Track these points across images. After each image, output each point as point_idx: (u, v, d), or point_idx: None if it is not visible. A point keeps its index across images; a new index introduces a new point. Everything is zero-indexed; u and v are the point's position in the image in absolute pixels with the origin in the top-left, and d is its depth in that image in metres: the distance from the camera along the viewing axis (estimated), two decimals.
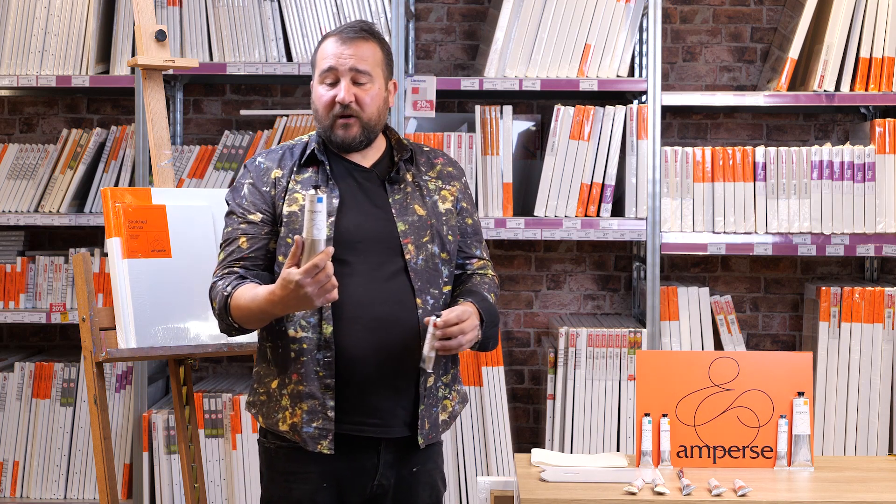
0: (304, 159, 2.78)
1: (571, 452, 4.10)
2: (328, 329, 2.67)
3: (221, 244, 2.78)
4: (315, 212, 2.45)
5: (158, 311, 3.22)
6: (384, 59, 2.79)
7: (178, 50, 4.26)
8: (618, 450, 4.13)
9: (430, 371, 2.69)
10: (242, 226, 2.74)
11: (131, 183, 4.30)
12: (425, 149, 2.90)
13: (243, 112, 4.57)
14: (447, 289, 2.79)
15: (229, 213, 2.79)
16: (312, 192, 2.46)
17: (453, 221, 2.83)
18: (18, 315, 4.26)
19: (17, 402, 4.27)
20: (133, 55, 4.07)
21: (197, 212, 3.34)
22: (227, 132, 4.33)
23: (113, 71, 4.29)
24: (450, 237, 2.80)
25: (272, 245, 2.74)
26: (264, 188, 2.76)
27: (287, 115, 4.31)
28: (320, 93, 2.76)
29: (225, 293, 2.68)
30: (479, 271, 2.88)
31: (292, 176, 2.77)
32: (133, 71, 4.20)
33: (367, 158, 2.81)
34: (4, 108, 4.69)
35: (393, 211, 2.76)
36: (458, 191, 2.87)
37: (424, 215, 2.78)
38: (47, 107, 4.69)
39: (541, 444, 4.30)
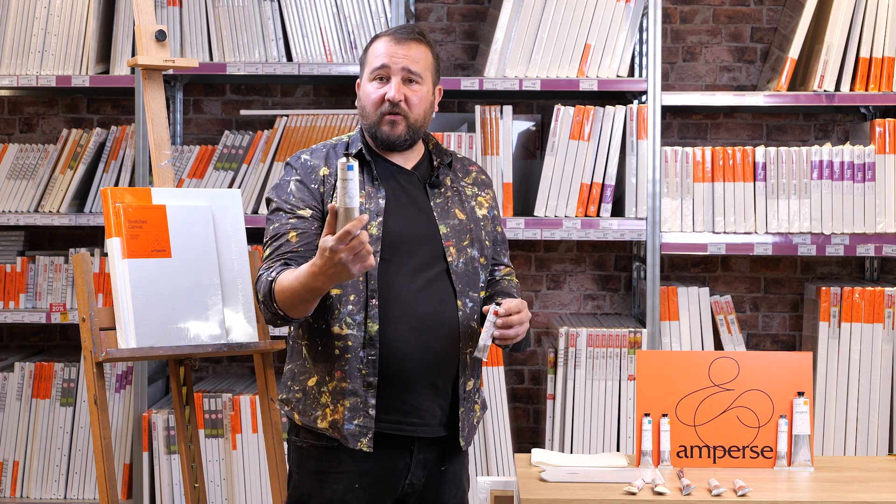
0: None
1: (571, 452, 4.10)
2: (374, 327, 2.69)
3: (268, 240, 2.77)
4: (347, 180, 2.44)
5: (158, 311, 3.22)
6: (434, 63, 2.83)
7: (178, 50, 4.26)
8: (618, 450, 4.12)
9: (485, 360, 2.70)
10: (292, 220, 2.75)
11: (131, 183, 4.30)
12: (458, 155, 2.94)
13: (243, 112, 4.57)
14: (483, 293, 2.82)
15: (276, 210, 2.79)
16: (343, 160, 2.45)
17: (489, 227, 2.88)
18: (18, 315, 4.25)
19: (17, 402, 4.26)
20: (133, 55, 4.07)
21: (197, 212, 3.34)
22: (227, 132, 4.32)
23: (113, 71, 4.28)
24: (487, 242, 2.85)
25: (318, 241, 2.74)
26: (312, 185, 2.78)
27: (287, 115, 4.31)
28: (369, 90, 2.78)
29: (269, 278, 2.68)
30: (507, 277, 2.93)
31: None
32: (133, 71, 4.20)
33: (409, 161, 2.84)
34: (4, 108, 4.69)
35: (435, 214, 2.79)
36: (491, 198, 2.93)
37: (464, 220, 2.82)
38: (47, 107, 4.69)
39: (541, 444, 4.30)
